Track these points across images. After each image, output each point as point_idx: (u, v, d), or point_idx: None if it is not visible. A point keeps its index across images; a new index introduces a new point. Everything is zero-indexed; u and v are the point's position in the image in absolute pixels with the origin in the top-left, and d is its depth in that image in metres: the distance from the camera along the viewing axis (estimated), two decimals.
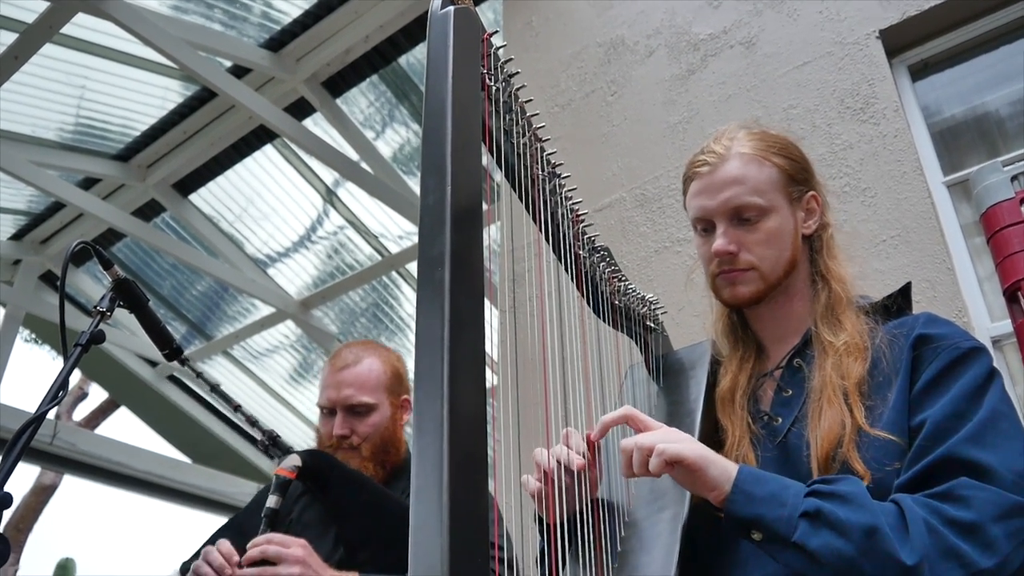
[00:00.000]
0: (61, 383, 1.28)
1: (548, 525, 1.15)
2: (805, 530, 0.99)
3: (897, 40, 2.45)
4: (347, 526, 1.72)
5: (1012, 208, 1.67)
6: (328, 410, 1.95)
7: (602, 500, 1.22)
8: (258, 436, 2.34)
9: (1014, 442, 1.04)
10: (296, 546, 1.58)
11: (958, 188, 2.29)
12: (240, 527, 1.91)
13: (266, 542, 1.57)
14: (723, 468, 1.05)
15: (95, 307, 1.44)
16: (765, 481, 1.05)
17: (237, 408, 2.42)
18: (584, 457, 1.16)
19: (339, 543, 1.75)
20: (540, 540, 1.26)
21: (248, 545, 1.59)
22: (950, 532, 0.97)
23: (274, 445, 2.66)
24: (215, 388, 2.45)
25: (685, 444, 1.06)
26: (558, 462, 1.16)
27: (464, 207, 0.86)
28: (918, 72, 2.51)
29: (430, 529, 0.71)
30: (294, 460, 1.66)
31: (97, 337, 1.38)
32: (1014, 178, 1.72)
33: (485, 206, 0.93)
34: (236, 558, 1.58)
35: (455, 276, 0.81)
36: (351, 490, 1.72)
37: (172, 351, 1.64)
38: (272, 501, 1.62)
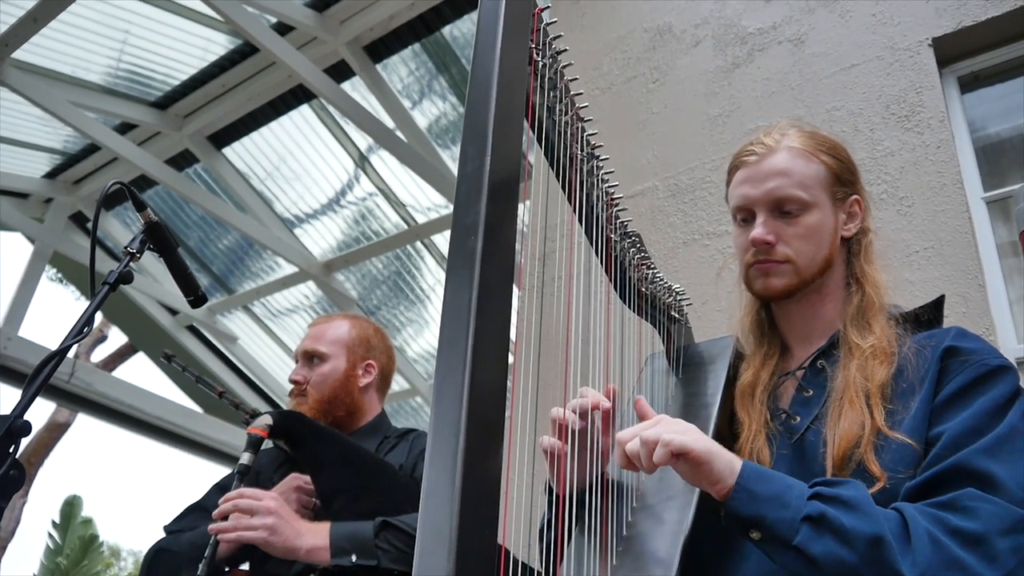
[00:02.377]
0: (87, 319, 1.29)
1: (558, 496, 1.14)
2: (807, 534, 0.97)
3: (949, 50, 2.41)
4: (321, 478, 1.76)
5: None
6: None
7: (612, 481, 1.22)
8: (243, 416, 2.46)
9: None
10: (268, 498, 1.62)
11: (997, 205, 2.25)
12: (226, 489, 1.99)
13: (238, 496, 1.61)
14: (728, 462, 1.03)
15: (125, 248, 1.45)
16: (769, 479, 1.02)
17: (221, 395, 2.53)
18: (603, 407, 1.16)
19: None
20: (547, 512, 1.25)
21: (220, 500, 1.62)
22: (953, 543, 0.95)
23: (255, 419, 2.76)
24: (199, 379, 2.57)
25: (690, 435, 1.02)
26: (575, 412, 1.15)
27: (502, 179, 0.85)
28: (967, 84, 2.46)
29: (442, 494, 0.71)
30: (265, 419, 1.71)
31: (125, 277, 1.40)
32: None
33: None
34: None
35: (487, 246, 0.81)
36: (323, 444, 1.77)
37: (197, 298, 1.65)
38: (245, 458, 1.65)
